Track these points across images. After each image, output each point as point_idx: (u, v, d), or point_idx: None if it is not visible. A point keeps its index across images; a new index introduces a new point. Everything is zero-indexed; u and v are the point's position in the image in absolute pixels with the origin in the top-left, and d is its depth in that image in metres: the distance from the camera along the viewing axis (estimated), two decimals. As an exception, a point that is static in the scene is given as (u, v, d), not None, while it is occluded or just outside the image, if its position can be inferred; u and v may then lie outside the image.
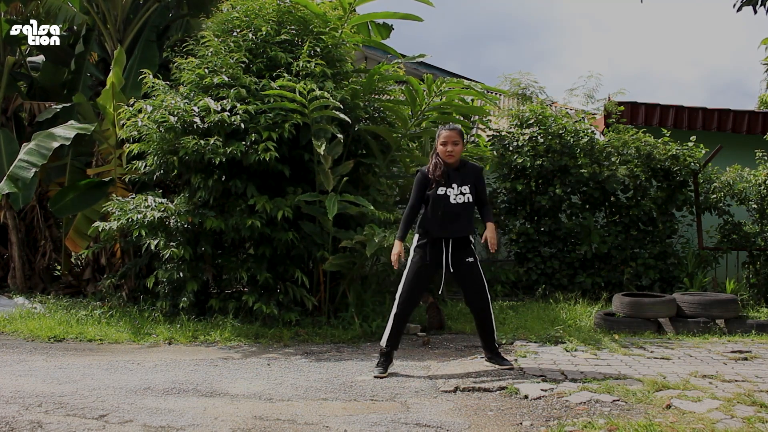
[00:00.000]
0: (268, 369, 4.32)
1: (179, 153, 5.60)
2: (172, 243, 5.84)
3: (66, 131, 7.02)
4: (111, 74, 7.03)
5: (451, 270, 4.09)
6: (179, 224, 5.81)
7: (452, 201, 4.05)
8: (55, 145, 6.86)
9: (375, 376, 4.01)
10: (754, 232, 7.94)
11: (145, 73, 6.15)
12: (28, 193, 7.28)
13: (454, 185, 4.08)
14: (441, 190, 4.07)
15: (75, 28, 8.99)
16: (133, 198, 6.03)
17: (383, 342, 4.17)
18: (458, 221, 4.07)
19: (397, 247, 4.16)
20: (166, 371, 4.20)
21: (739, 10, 5.34)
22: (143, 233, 5.77)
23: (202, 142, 5.46)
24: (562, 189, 8.02)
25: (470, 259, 4.12)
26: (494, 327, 4.30)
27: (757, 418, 3.04)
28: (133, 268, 6.80)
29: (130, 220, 5.71)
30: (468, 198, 4.09)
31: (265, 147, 5.43)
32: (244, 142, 5.53)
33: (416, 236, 4.17)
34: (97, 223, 6.13)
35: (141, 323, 5.78)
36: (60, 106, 8.07)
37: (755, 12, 5.27)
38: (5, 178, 6.57)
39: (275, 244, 5.83)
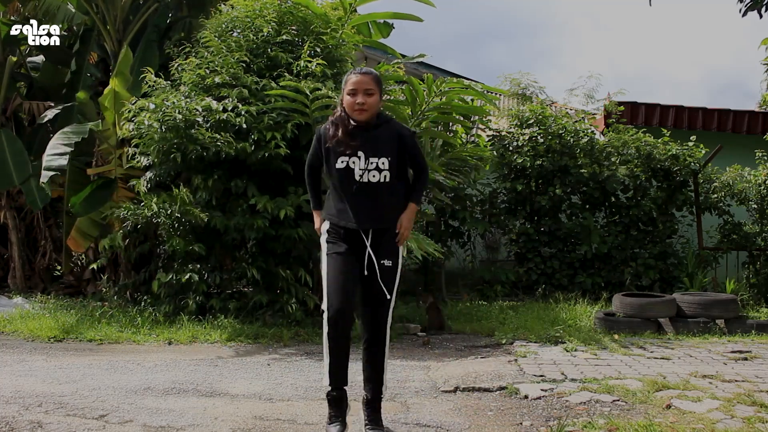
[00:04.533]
0: (268, 369, 4.32)
1: (189, 148, 5.64)
2: (187, 242, 5.92)
3: (79, 127, 7.15)
4: (114, 74, 7.04)
5: (365, 272, 2.88)
6: (190, 224, 5.85)
7: (357, 177, 2.82)
8: (75, 138, 7.00)
9: None
10: (754, 232, 7.95)
11: (146, 71, 6.16)
12: (44, 195, 7.34)
13: (361, 154, 2.82)
14: (342, 161, 2.83)
15: (75, 28, 8.99)
16: (146, 199, 6.04)
17: (324, 382, 2.86)
18: (373, 207, 2.86)
19: (317, 219, 3.09)
20: (166, 371, 4.20)
21: (744, 14, 5.31)
22: (167, 233, 5.91)
23: (217, 135, 5.50)
24: (562, 189, 8.03)
25: (387, 263, 2.89)
26: (385, 367, 2.92)
27: (757, 418, 3.04)
28: (144, 275, 6.80)
29: (141, 217, 5.76)
30: (385, 176, 2.83)
31: (275, 144, 5.49)
32: (248, 142, 5.58)
33: (325, 224, 2.99)
34: (104, 240, 6.27)
35: (141, 323, 5.78)
36: (60, 107, 8.07)
37: (761, 16, 5.22)
38: (42, 169, 6.70)
39: (282, 241, 5.84)
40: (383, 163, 2.82)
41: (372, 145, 2.83)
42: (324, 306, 2.81)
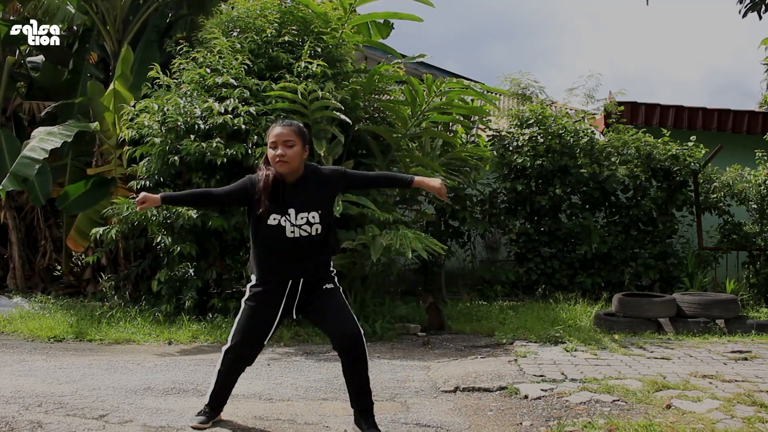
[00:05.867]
0: (268, 369, 4.32)
1: (181, 153, 5.62)
2: (180, 241, 5.87)
3: (67, 129, 7.03)
4: (115, 74, 7.03)
5: (296, 316, 2.98)
6: (185, 223, 5.83)
7: (289, 234, 2.81)
8: (56, 141, 6.84)
9: (192, 426, 3.01)
10: (754, 232, 7.95)
11: (153, 66, 6.17)
12: (47, 190, 7.28)
13: (291, 211, 2.81)
14: (273, 219, 2.81)
15: (74, 28, 8.99)
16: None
17: (207, 397, 3.10)
18: (304, 261, 2.87)
19: (153, 197, 2.86)
20: (166, 371, 4.20)
21: (744, 16, 5.32)
22: (154, 230, 5.83)
23: (204, 144, 5.49)
24: (562, 189, 8.02)
25: (328, 286, 2.93)
26: (368, 375, 2.93)
27: (757, 418, 3.04)
28: (136, 269, 6.80)
29: (138, 215, 5.73)
30: (317, 229, 2.83)
31: (262, 152, 5.45)
32: (245, 144, 5.56)
33: (252, 277, 2.98)
34: (96, 229, 6.16)
35: (141, 323, 5.78)
36: (59, 102, 8.07)
37: (760, 17, 5.24)
38: (8, 175, 6.57)
39: None
40: (314, 217, 2.83)
41: (301, 201, 2.83)
42: (227, 346, 2.99)
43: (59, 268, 8.50)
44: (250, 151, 5.59)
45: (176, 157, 5.79)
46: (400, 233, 5.24)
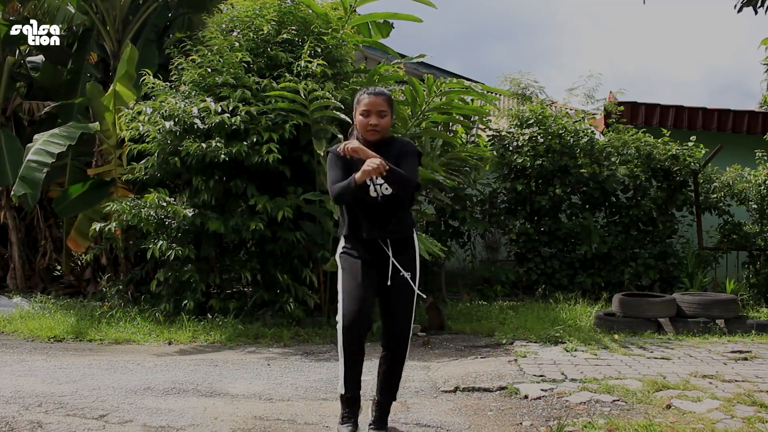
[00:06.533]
0: (268, 369, 4.32)
1: (181, 154, 5.62)
2: (174, 245, 5.83)
3: (70, 131, 7.05)
4: (117, 74, 7.02)
5: (388, 282, 2.91)
6: (182, 225, 5.82)
7: (372, 194, 2.88)
8: (63, 144, 6.87)
9: None
10: (754, 232, 7.95)
11: (146, 73, 6.16)
12: (36, 192, 7.28)
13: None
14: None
15: (74, 28, 8.99)
16: (139, 197, 6.03)
17: (339, 387, 2.92)
18: (387, 219, 2.91)
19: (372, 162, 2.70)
20: (166, 371, 4.20)
21: (739, 11, 5.35)
22: (150, 230, 5.82)
23: (204, 145, 5.49)
24: (562, 189, 8.02)
25: (407, 274, 2.94)
26: (400, 378, 2.98)
27: (757, 418, 3.04)
28: (140, 273, 6.79)
29: (135, 216, 5.71)
30: None
31: (268, 149, 5.46)
32: (245, 143, 5.56)
33: (341, 241, 3.01)
34: (96, 225, 6.14)
35: (141, 323, 5.78)
36: (59, 103, 8.06)
37: (755, 12, 5.29)
38: (17, 180, 6.58)
39: (279, 243, 5.83)
40: None
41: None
42: (339, 317, 2.82)
43: (59, 268, 8.50)
44: (251, 150, 5.59)
45: (176, 158, 5.79)
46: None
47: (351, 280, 2.86)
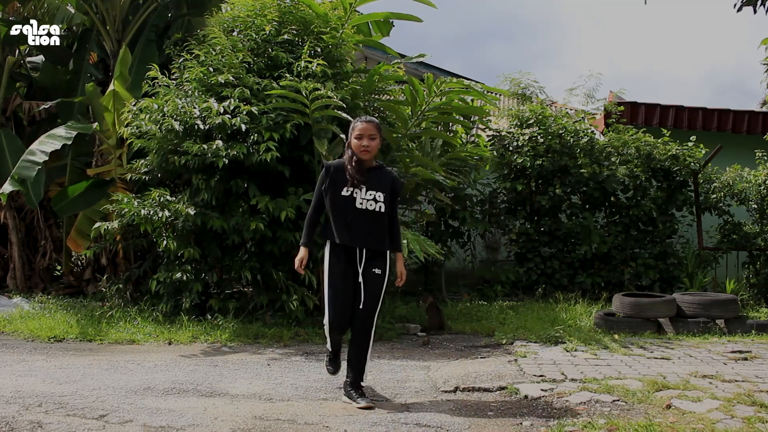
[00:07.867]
0: (268, 369, 4.32)
1: (181, 155, 5.62)
2: (181, 244, 5.86)
3: (67, 131, 7.04)
4: (115, 73, 7.02)
5: (360, 279, 3.44)
6: (186, 225, 5.82)
7: (358, 205, 3.41)
8: (58, 144, 6.87)
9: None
10: (754, 232, 7.95)
11: (151, 67, 6.17)
12: (39, 191, 7.29)
13: (362, 186, 3.42)
14: (346, 191, 3.41)
15: (74, 28, 8.99)
16: (140, 196, 6.03)
17: (327, 345, 3.65)
18: (369, 231, 3.44)
19: (301, 252, 3.52)
20: (166, 371, 4.20)
21: (739, 10, 5.36)
22: (149, 230, 5.81)
23: (205, 146, 5.49)
24: (562, 189, 8.03)
25: (377, 270, 3.47)
26: (368, 356, 3.50)
27: (757, 418, 3.04)
28: (138, 271, 6.79)
29: (134, 215, 5.70)
30: (380, 207, 3.43)
31: (266, 147, 5.45)
32: (245, 143, 5.56)
33: (327, 245, 3.53)
34: (98, 224, 6.13)
35: (141, 323, 5.78)
36: (59, 101, 8.07)
37: (755, 11, 5.30)
38: (9, 177, 6.58)
39: (279, 243, 5.83)
40: (379, 196, 3.45)
41: (372, 182, 3.46)
42: (325, 320, 3.46)
43: (59, 268, 8.50)
44: (251, 150, 5.59)
45: (177, 158, 5.79)
46: (400, 233, 5.24)
47: (334, 289, 3.45)
